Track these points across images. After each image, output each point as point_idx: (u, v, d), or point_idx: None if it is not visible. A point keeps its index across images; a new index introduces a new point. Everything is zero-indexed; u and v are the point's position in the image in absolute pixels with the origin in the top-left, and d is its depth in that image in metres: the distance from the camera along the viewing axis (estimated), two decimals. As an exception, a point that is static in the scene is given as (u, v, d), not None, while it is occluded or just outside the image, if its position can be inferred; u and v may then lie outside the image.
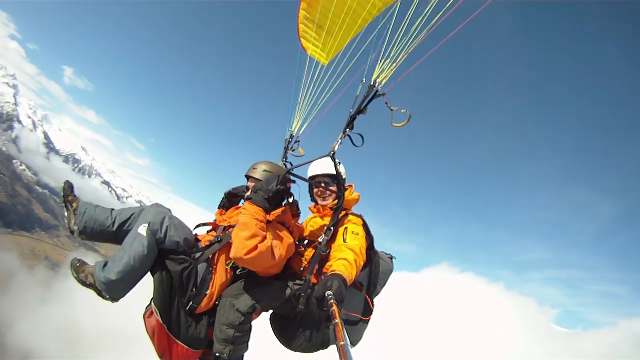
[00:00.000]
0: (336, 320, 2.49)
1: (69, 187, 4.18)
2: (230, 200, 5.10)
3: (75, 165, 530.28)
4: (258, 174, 4.49)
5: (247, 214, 3.76)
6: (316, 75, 5.98)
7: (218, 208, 5.14)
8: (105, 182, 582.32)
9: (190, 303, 3.97)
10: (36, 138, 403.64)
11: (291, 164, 5.88)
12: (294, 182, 4.61)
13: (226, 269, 4.15)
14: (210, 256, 4.11)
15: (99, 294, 3.80)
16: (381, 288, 4.82)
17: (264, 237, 3.72)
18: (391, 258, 4.97)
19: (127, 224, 4.01)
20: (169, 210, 4.21)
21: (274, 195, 3.94)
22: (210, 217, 5.06)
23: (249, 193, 4.21)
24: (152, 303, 3.88)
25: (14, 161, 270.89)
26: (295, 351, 4.49)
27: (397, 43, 4.49)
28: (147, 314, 3.96)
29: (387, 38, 4.58)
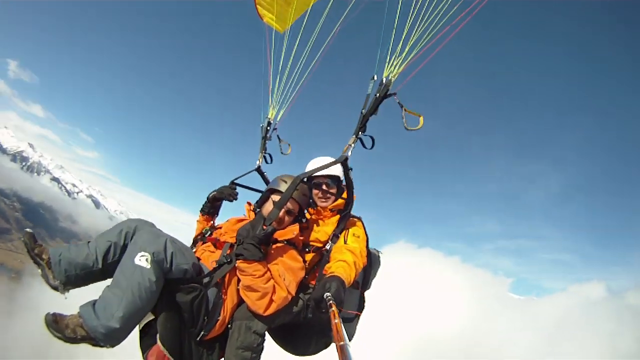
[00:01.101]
0: (336, 321, 2.45)
1: (30, 238, 3.37)
2: (214, 204, 4.76)
3: (24, 163, 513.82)
4: (284, 187, 4.15)
5: (247, 276, 3.52)
6: (283, 48, 5.52)
7: (201, 213, 4.79)
8: (55, 179, 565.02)
9: (202, 332, 3.58)
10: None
11: (270, 157, 5.76)
12: (310, 200, 4.59)
13: (237, 289, 3.77)
14: (219, 279, 3.69)
15: (95, 344, 3.11)
16: (371, 283, 4.93)
17: (274, 289, 3.60)
18: (378, 253, 5.05)
19: (111, 254, 3.45)
20: (154, 225, 3.72)
21: (265, 238, 3.62)
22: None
23: (236, 247, 3.67)
24: (160, 342, 3.42)
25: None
26: (300, 356, 4.61)
27: (416, 33, 4.02)
28: (152, 353, 3.52)
29: (394, 32, 4.14)
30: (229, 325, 3.80)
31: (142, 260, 3.17)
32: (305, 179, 4.24)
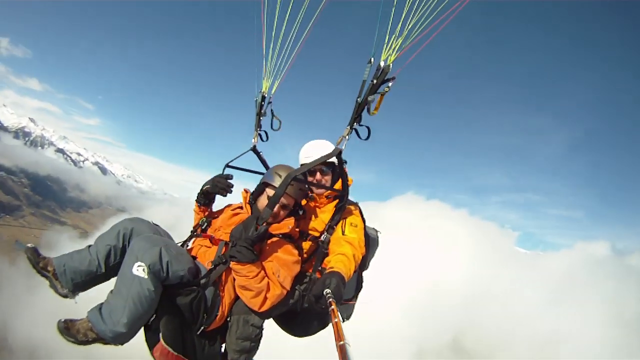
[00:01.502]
0: (335, 320, 2.42)
1: (33, 253, 3.67)
2: (208, 196, 4.68)
3: (27, 138, 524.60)
4: (278, 182, 4.12)
5: (241, 277, 3.64)
6: (276, 11, 4.97)
7: (196, 204, 4.74)
8: (60, 150, 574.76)
9: (202, 327, 3.81)
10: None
11: (266, 134, 5.46)
12: (310, 192, 4.63)
13: (234, 286, 3.88)
14: (216, 279, 3.84)
15: (106, 343, 3.48)
16: (369, 264, 5.01)
17: (268, 287, 3.72)
18: (377, 233, 5.06)
19: (112, 257, 3.77)
20: (150, 228, 4.00)
21: (258, 240, 3.67)
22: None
23: (229, 248, 3.73)
24: (163, 341, 3.67)
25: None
26: (298, 337, 4.75)
27: (418, 12, 3.57)
28: (159, 351, 3.74)
29: (393, 10, 3.68)
30: (228, 319, 4.03)
31: (140, 270, 3.33)
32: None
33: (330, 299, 2.93)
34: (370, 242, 4.71)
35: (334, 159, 4.13)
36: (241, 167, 4.97)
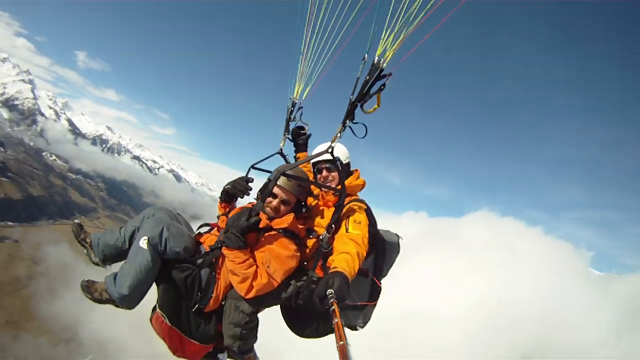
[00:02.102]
0: (336, 320, 2.49)
1: (77, 227, 4.52)
2: (229, 195, 4.94)
3: (104, 145, 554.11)
4: (282, 182, 4.34)
5: (229, 262, 3.94)
6: (320, 18, 4.99)
7: (220, 202, 5.08)
8: (136, 157, 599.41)
9: (197, 305, 4.16)
10: (61, 127, 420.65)
11: (292, 137, 5.86)
12: (311, 193, 4.80)
13: (228, 273, 4.12)
14: (213, 260, 4.22)
15: (116, 306, 4.15)
16: (388, 270, 4.95)
17: (255, 275, 3.91)
18: (398, 238, 5.00)
19: (134, 237, 4.23)
20: (169, 215, 4.46)
21: (248, 229, 3.90)
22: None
23: (223, 234, 4.10)
24: (159, 309, 4.11)
25: (44, 153, 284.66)
26: (305, 338, 4.77)
27: (405, 10, 3.49)
28: (154, 319, 4.17)
29: (392, 4, 3.58)
30: (224, 302, 4.29)
31: (144, 243, 3.93)
32: (290, 171, 4.33)
33: (332, 300, 2.98)
34: (389, 247, 4.78)
35: (340, 155, 4.54)
36: (266, 169, 5.09)
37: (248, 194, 4.64)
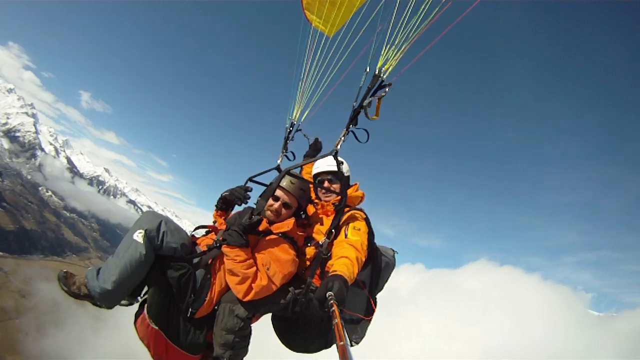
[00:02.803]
0: (336, 321, 2.51)
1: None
2: (226, 202, 4.92)
3: (100, 187, 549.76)
4: (286, 184, 4.42)
5: (229, 259, 3.78)
6: (319, 49, 5.59)
7: (215, 209, 5.01)
8: (131, 201, 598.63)
9: (189, 309, 3.88)
10: (60, 164, 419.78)
11: (293, 154, 5.93)
12: (315, 200, 4.83)
13: (226, 274, 3.98)
14: (209, 261, 4.01)
15: (94, 303, 3.70)
16: (383, 285, 4.91)
17: (255, 276, 3.78)
18: (394, 252, 4.99)
19: None
20: (165, 216, 4.04)
21: (248, 228, 3.82)
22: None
23: (224, 232, 3.98)
24: (146, 311, 3.75)
25: (40, 188, 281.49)
26: (297, 352, 4.64)
27: (404, 26, 4.00)
28: (140, 320, 3.82)
29: (392, 21, 4.06)
30: (216, 307, 4.05)
31: (139, 236, 3.62)
32: (297, 173, 4.44)
33: (332, 301, 3.03)
34: (384, 262, 4.82)
35: (343, 170, 4.60)
36: (262, 182, 5.15)
37: (246, 203, 4.59)
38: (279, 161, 5.79)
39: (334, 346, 3.68)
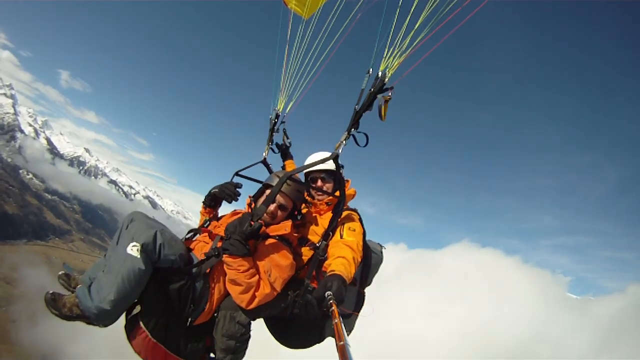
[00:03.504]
0: (336, 321, 2.51)
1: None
2: (215, 199, 4.81)
3: (81, 167, 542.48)
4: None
5: (231, 270, 3.62)
6: (302, 35, 5.49)
7: (203, 206, 4.86)
8: (112, 182, 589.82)
9: (189, 319, 3.82)
10: (40, 145, 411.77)
11: (279, 147, 6.04)
12: (307, 199, 4.77)
13: (224, 281, 3.90)
14: (207, 270, 3.88)
15: (89, 323, 3.52)
16: (372, 279, 4.97)
17: (259, 284, 3.69)
18: (381, 248, 5.08)
19: None
20: (155, 220, 3.96)
21: (250, 235, 3.67)
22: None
23: (223, 241, 3.73)
24: (142, 323, 3.63)
25: (21, 171, 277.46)
26: (292, 349, 4.71)
27: (407, 29, 3.89)
28: (137, 333, 3.67)
29: (395, 22, 4.01)
30: (216, 314, 3.99)
31: (134, 250, 3.40)
32: (293, 175, 4.29)
33: (332, 301, 3.02)
34: (374, 258, 4.84)
35: (333, 167, 4.46)
36: (250, 177, 5.11)
37: (237, 200, 4.58)
38: (264, 154, 5.77)
39: (332, 345, 3.97)
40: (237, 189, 4.54)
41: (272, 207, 4.16)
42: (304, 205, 4.82)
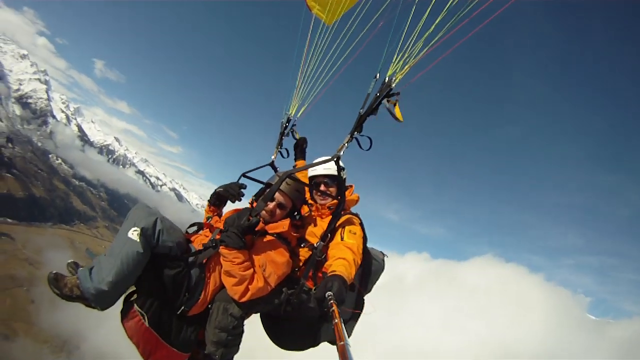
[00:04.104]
0: (336, 321, 2.55)
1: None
2: (220, 198, 4.93)
3: (110, 156, 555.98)
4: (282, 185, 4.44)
5: (227, 261, 3.72)
6: (322, 42, 5.52)
7: (208, 204, 5.03)
8: (140, 172, 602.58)
9: (182, 307, 3.87)
10: (71, 132, 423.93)
11: (287, 151, 5.99)
12: (310, 202, 4.85)
13: (220, 273, 3.98)
14: (204, 260, 3.99)
15: (88, 305, 3.59)
16: (372, 286, 4.99)
17: (252, 278, 3.76)
18: (383, 256, 5.09)
19: None
20: (157, 210, 4.01)
21: (247, 230, 3.75)
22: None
23: (221, 233, 3.88)
24: (136, 307, 3.75)
25: (50, 156, 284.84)
26: (287, 350, 4.71)
27: (417, 36, 3.89)
28: (130, 317, 3.78)
29: (405, 30, 3.98)
30: (210, 306, 4.06)
31: (134, 234, 3.55)
32: (294, 175, 4.41)
33: (332, 301, 3.08)
34: (374, 265, 4.92)
35: (334, 172, 4.57)
36: (256, 178, 5.18)
37: (240, 200, 4.65)
38: (273, 157, 5.82)
39: (329, 346, 4.34)
40: (241, 190, 4.62)
41: (271, 205, 4.23)
42: (306, 208, 4.85)
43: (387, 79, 3.99)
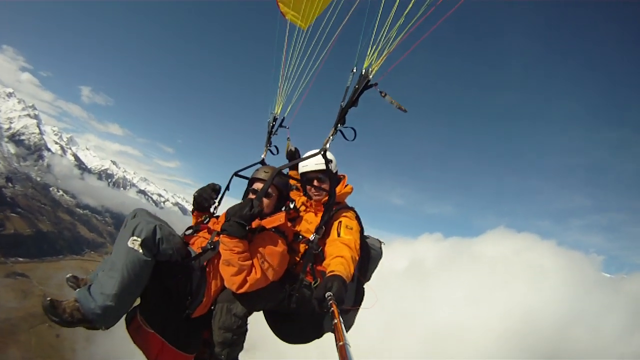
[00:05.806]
0: (336, 321, 2.54)
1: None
2: (198, 203, 4.97)
3: (109, 180, 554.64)
4: (263, 175, 4.64)
5: (227, 250, 3.77)
6: (298, 44, 5.73)
7: (193, 211, 5.06)
8: (141, 191, 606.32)
9: (186, 311, 3.95)
10: (67, 162, 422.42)
11: (276, 149, 6.16)
12: (296, 188, 5.15)
13: (221, 275, 4.01)
14: (204, 263, 4.05)
15: (91, 327, 3.48)
16: (371, 275, 5.05)
17: (251, 268, 3.81)
18: (380, 244, 5.13)
19: None
20: (155, 216, 4.06)
21: (249, 219, 3.83)
22: None
23: (223, 223, 3.93)
24: (139, 314, 3.85)
25: (51, 189, 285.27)
26: (291, 344, 4.77)
27: (388, 28, 4.05)
28: (133, 326, 3.90)
29: (377, 23, 4.14)
30: (212, 307, 4.12)
31: (135, 244, 3.50)
32: (284, 170, 4.64)
33: (332, 301, 3.09)
34: (373, 254, 4.95)
35: (332, 167, 4.67)
36: (248, 177, 5.18)
37: (213, 203, 4.83)
38: (263, 155, 6.01)
39: (326, 335, 4.45)
40: (214, 193, 4.78)
41: (266, 201, 4.42)
42: (303, 207, 4.98)
43: (363, 71, 4.16)
